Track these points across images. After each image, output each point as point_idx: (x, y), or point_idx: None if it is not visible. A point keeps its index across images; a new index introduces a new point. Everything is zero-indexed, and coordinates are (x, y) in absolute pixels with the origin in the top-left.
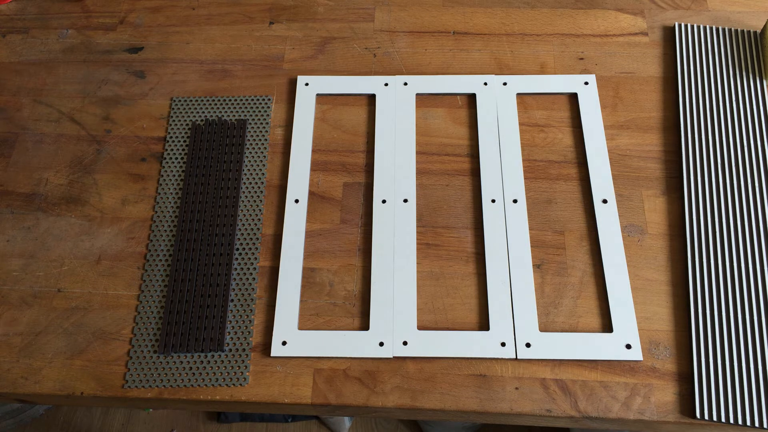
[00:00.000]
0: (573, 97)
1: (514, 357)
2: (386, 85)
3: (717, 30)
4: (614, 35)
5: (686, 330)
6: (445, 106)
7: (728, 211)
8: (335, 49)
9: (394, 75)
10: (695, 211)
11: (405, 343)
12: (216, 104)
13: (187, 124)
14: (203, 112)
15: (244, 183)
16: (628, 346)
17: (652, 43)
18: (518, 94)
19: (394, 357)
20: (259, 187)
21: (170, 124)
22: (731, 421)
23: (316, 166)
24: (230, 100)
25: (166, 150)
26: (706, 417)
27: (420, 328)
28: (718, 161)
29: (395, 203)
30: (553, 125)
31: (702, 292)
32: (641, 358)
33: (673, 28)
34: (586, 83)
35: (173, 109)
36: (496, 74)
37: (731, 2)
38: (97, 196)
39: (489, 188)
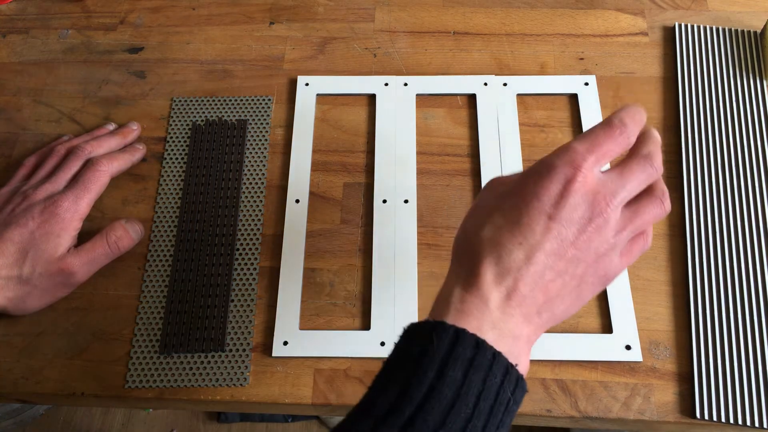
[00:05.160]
0: (573, 98)
1: None
2: (386, 85)
3: (717, 30)
4: (614, 35)
5: (686, 330)
6: (446, 106)
7: (728, 211)
8: (335, 49)
9: (394, 75)
10: (695, 211)
11: None
12: (216, 104)
13: (188, 125)
14: (203, 113)
15: (245, 183)
16: (628, 347)
17: (652, 44)
18: (518, 95)
19: None
20: (259, 188)
21: (170, 125)
22: (731, 421)
23: (316, 166)
24: (230, 101)
25: (167, 150)
26: (706, 417)
27: None
28: (718, 161)
29: (396, 203)
30: (553, 125)
31: (702, 292)
32: (641, 359)
33: (673, 28)
34: (587, 84)
35: (173, 109)
36: (496, 74)
37: (731, 2)
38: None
39: None
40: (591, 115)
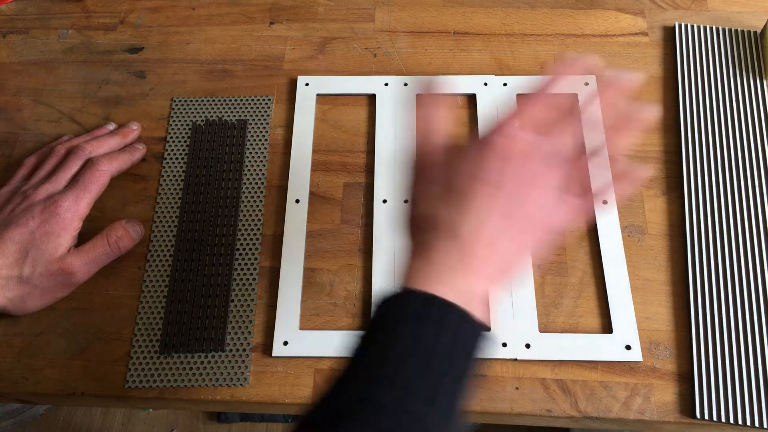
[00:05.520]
0: (573, 98)
1: (515, 358)
2: (386, 85)
3: (717, 30)
4: (614, 35)
5: (686, 330)
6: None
7: (728, 211)
8: (335, 49)
9: (394, 75)
10: (695, 210)
11: None
12: (216, 104)
13: (188, 125)
14: (203, 113)
15: (245, 183)
16: (628, 347)
17: (652, 43)
18: (518, 95)
19: None
20: (259, 188)
21: (170, 125)
22: (731, 421)
23: (316, 167)
24: (230, 101)
25: (167, 150)
26: (706, 417)
27: None
28: (718, 161)
29: (396, 203)
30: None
31: (702, 292)
32: (641, 359)
33: (673, 28)
34: (587, 84)
35: (173, 109)
36: (496, 74)
37: (731, 2)
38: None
39: None
40: (591, 114)
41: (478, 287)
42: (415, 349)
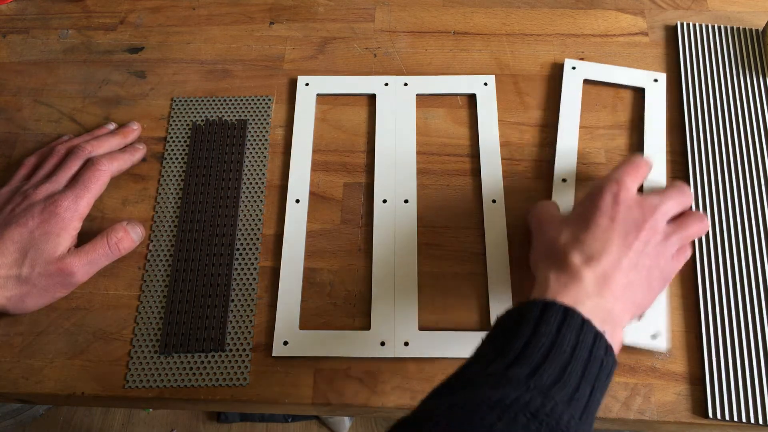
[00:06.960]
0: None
1: None
2: (386, 85)
3: (719, 28)
4: (614, 35)
5: (686, 330)
6: (446, 106)
7: (734, 209)
8: (335, 49)
9: (395, 75)
10: (701, 210)
11: (406, 344)
12: (216, 104)
13: (188, 124)
14: (204, 112)
15: (245, 183)
16: (653, 337)
17: (653, 43)
18: None
19: (394, 357)
20: (259, 187)
21: (171, 125)
22: (743, 420)
23: (316, 166)
24: (230, 100)
25: (167, 150)
26: (719, 416)
27: (421, 328)
28: (723, 159)
29: (396, 203)
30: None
31: (711, 292)
32: (664, 349)
33: (673, 27)
34: (656, 80)
35: (174, 109)
36: (496, 74)
37: (731, 2)
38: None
39: (489, 189)
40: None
41: (615, 305)
42: (553, 346)
